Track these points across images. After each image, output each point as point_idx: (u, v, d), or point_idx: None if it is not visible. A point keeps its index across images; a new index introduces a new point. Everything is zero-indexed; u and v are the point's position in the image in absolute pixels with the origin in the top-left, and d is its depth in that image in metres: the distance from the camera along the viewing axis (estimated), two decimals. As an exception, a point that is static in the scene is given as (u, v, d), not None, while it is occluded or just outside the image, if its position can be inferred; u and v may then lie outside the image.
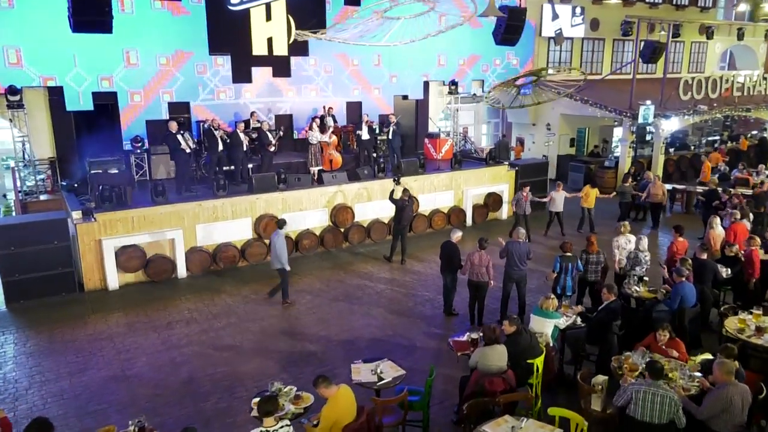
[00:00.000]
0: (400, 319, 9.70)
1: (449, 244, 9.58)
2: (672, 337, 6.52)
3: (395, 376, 6.08)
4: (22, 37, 12.16)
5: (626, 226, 10.14)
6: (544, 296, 7.28)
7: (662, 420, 5.25)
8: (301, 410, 5.44)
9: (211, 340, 8.95)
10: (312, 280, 11.48)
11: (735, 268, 9.17)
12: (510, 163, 16.44)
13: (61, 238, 10.37)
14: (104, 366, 8.15)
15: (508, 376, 6.09)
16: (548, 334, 7.07)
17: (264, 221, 12.29)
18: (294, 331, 9.24)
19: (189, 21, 14.00)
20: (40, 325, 9.48)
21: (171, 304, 10.31)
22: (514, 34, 14.36)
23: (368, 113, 15.87)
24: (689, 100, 19.24)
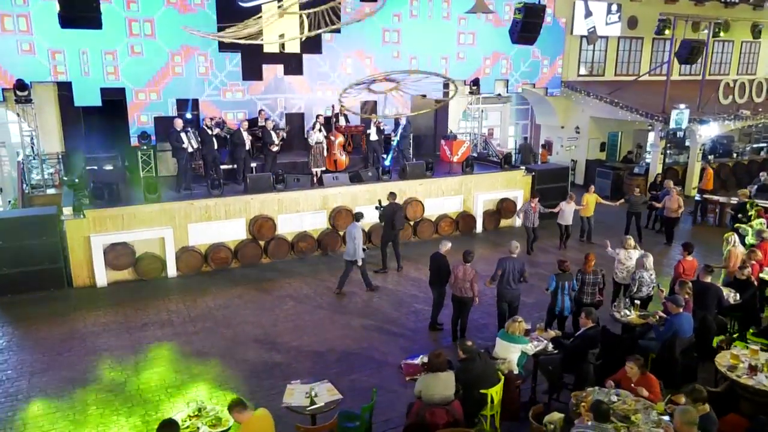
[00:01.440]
0: (379, 331, 9.25)
1: (438, 256, 9.01)
2: (643, 372, 5.82)
3: (329, 401, 5.65)
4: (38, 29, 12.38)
5: (630, 240, 9.36)
6: (512, 319, 6.68)
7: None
8: (212, 436, 5.08)
9: (181, 345, 8.74)
10: (301, 284, 11.16)
11: (746, 293, 8.29)
12: (527, 168, 15.67)
13: (50, 233, 10.40)
14: (67, 367, 8.04)
15: (453, 408, 5.55)
16: (513, 360, 6.49)
17: (258, 222, 12.06)
18: (266, 340, 8.92)
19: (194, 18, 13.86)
20: (21, 321, 9.51)
21: (153, 304, 10.18)
22: (532, 32, 13.59)
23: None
24: (730, 104, 17.93)
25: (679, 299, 7.08)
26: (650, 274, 8.71)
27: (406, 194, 13.66)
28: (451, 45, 17.27)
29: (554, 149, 21.33)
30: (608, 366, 6.97)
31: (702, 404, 5.10)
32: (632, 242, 9.36)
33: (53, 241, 10.44)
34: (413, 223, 13.86)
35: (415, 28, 16.63)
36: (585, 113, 19.79)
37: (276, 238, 12.31)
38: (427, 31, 16.73)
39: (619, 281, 9.23)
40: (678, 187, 13.80)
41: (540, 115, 21.56)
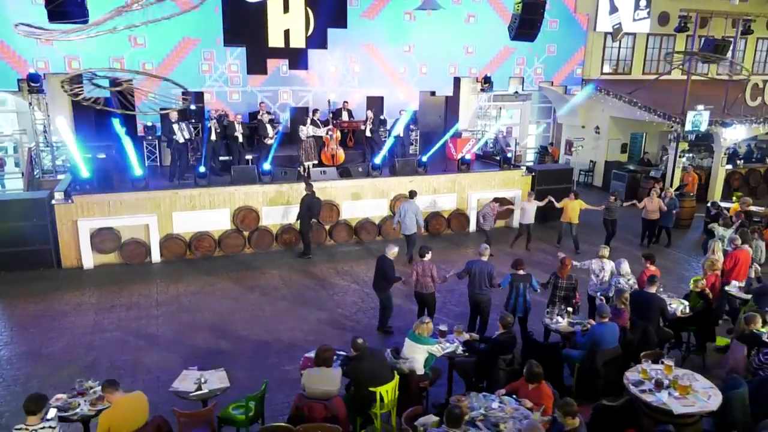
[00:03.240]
0: (333, 326, 9.35)
1: (383, 260, 8.81)
2: (538, 383, 5.66)
3: (215, 388, 5.82)
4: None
5: (605, 250, 9.03)
6: (419, 320, 6.64)
7: (451, 478, 4.58)
8: (93, 412, 5.35)
9: (137, 327, 9.14)
10: (273, 277, 11.40)
11: (698, 306, 7.89)
12: (528, 168, 15.33)
13: (40, 216, 11.06)
14: (26, 343, 8.59)
15: (332, 404, 5.61)
16: (419, 360, 6.45)
17: (242, 213, 12.39)
18: (219, 327, 9.20)
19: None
20: (4, 296, 10.20)
21: (129, 288, 10.67)
22: (531, 29, 13.27)
23: (371, 110, 15.32)
24: (759, 106, 16.86)
25: (604, 309, 6.83)
26: (627, 280, 8.45)
27: (394, 191, 13.66)
28: (463, 40, 17.04)
29: (575, 148, 20.69)
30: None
31: (572, 418, 4.95)
32: (606, 252, 9.03)
33: (43, 223, 11.10)
34: (402, 220, 13.83)
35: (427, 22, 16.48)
36: (605, 113, 19.08)
37: (259, 229, 12.61)
38: (438, 26, 16.55)
39: (591, 293, 8.76)
40: (658, 189, 13.12)
41: (562, 116, 20.96)
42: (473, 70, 17.50)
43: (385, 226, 13.61)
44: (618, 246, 12.68)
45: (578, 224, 12.67)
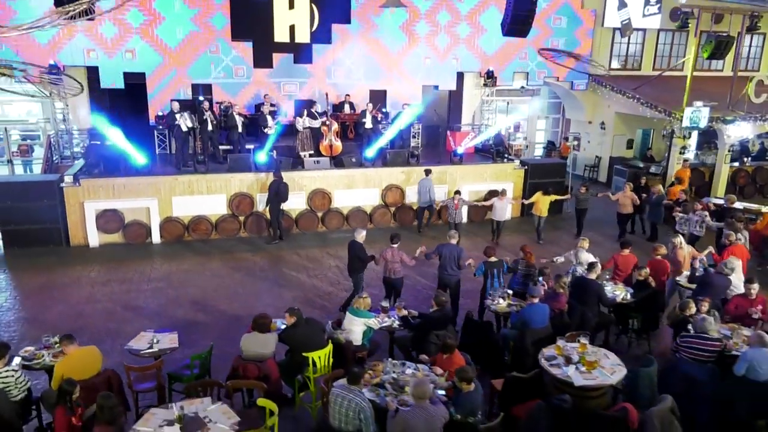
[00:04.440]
0: (305, 303, 9.85)
1: (354, 244, 9.35)
2: (450, 353, 6.15)
3: (164, 348, 6.53)
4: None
5: (585, 242, 9.41)
6: (358, 295, 7.20)
7: (348, 427, 5.15)
8: (54, 363, 6.10)
9: (127, 299, 9.98)
10: (261, 259, 12.11)
11: (642, 293, 8.20)
12: (521, 161, 15.62)
13: (50, 197, 12.05)
14: (26, 309, 9.55)
15: (266, 365, 6.24)
16: (356, 332, 7.02)
17: (237, 199, 13.14)
18: (201, 302, 9.96)
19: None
20: (17, 269, 11.24)
21: (127, 265, 11.55)
22: (523, 24, 13.55)
23: (372, 102, 15.80)
24: (765, 103, 16.66)
25: (534, 290, 7.24)
26: (584, 269, 8.81)
27: (385, 181, 14.20)
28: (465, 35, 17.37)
29: (582, 145, 20.79)
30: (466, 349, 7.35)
31: (467, 384, 5.44)
32: (587, 243, 9.40)
33: (53, 204, 12.08)
34: (393, 210, 14.37)
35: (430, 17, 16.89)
36: (611, 109, 19.13)
37: (254, 214, 13.35)
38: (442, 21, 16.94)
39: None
40: (631, 184, 13.25)
41: (569, 110, 21.06)
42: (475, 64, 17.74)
43: (376, 215, 14.16)
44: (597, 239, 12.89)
45: (547, 217, 12.95)
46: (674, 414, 5.70)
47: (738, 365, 6.17)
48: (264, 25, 15.83)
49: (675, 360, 6.59)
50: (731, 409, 6.16)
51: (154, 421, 5.10)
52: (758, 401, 6.11)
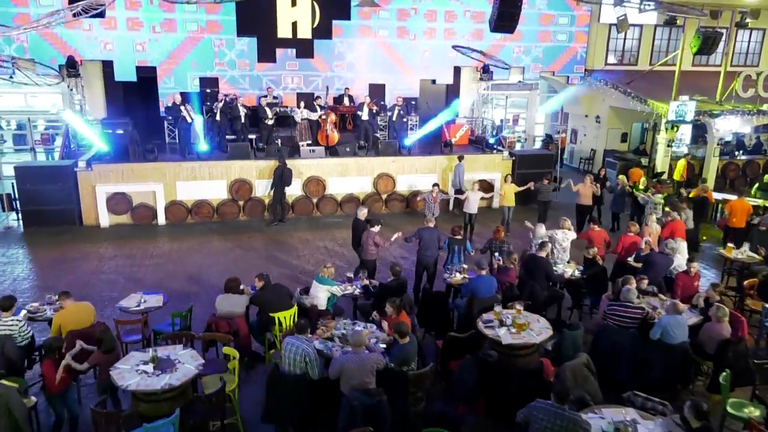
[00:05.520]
0: (288, 280, 10.60)
1: (356, 221, 10.25)
2: (398, 313, 6.95)
3: (151, 306, 7.49)
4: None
5: (567, 222, 10.13)
6: (323, 265, 8.06)
7: (295, 370, 6.00)
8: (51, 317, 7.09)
9: (129, 272, 11.00)
10: (257, 240, 13.05)
11: (590, 271, 8.91)
12: (509, 153, 16.29)
13: (65, 181, 13.15)
14: (39, 279, 10.65)
15: (235, 322, 7.16)
16: (321, 298, 7.87)
17: (237, 184, 14.10)
18: (195, 275, 10.93)
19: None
20: (35, 245, 12.38)
21: (133, 243, 12.60)
22: (509, 21, 14.20)
23: (369, 96, 16.62)
24: (752, 97, 17.04)
25: (482, 262, 8.03)
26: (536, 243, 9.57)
27: (377, 170, 15.02)
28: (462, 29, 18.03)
29: (579, 138, 21.35)
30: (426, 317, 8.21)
31: (402, 337, 6.26)
32: (569, 224, 10.13)
33: (68, 187, 13.19)
34: (384, 197, 15.19)
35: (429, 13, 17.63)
36: (605, 103, 19.64)
37: (252, 199, 14.29)
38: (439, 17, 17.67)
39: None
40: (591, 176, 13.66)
41: (567, 104, 21.59)
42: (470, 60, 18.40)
43: (368, 202, 14.99)
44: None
45: (514, 207, 13.44)
46: (589, 370, 6.43)
47: (654, 330, 6.88)
48: (268, 22, 16.75)
49: (604, 326, 7.31)
50: (648, 370, 6.88)
51: (132, 360, 6.03)
52: (670, 362, 6.83)
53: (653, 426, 5.18)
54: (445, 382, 6.94)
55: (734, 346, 6.81)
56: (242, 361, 7.17)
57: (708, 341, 7.00)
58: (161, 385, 5.61)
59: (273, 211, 14.10)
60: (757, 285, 8.98)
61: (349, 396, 5.69)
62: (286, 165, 13.62)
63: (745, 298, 8.86)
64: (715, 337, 6.92)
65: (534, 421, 5.04)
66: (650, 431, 5.11)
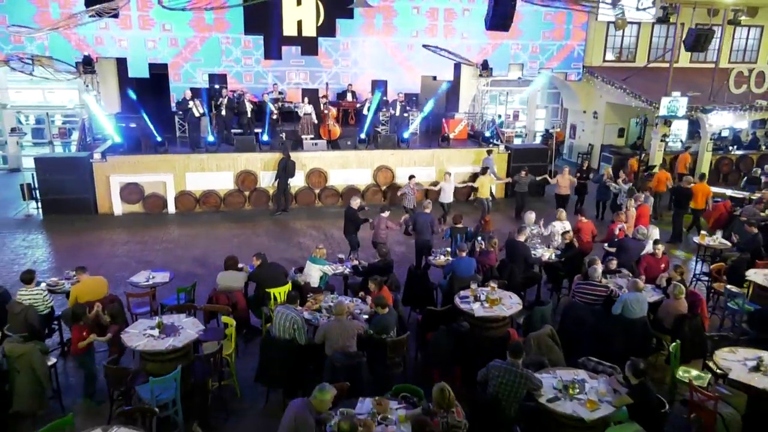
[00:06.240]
0: (288, 262, 11.47)
1: (348, 209, 10.99)
2: (380, 289, 7.63)
3: (158, 281, 8.25)
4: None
5: (562, 213, 10.82)
6: (316, 246, 8.77)
7: (285, 335, 6.71)
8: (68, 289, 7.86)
9: (140, 256, 11.79)
10: (260, 227, 13.81)
11: (567, 254, 9.53)
12: (505, 146, 16.88)
13: (82, 171, 13.97)
14: (57, 261, 11.48)
15: (233, 295, 7.89)
16: (314, 276, 8.58)
17: (243, 176, 14.85)
18: (201, 259, 11.69)
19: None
20: (55, 231, 13.22)
21: (144, 230, 13.40)
22: (504, 19, 14.77)
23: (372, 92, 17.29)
24: (744, 93, 17.47)
25: (461, 246, 8.70)
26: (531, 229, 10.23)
27: (377, 162, 15.69)
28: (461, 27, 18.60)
29: (577, 133, 21.86)
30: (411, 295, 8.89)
31: (382, 308, 6.94)
32: (564, 215, 10.78)
33: (84, 177, 14.01)
34: (383, 189, 15.85)
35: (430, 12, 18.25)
36: (603, 99, 20.14)
37: (257, 189, 15.03)
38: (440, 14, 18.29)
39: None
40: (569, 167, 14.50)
41: (566, 100, 22.11)
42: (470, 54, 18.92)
43: (368, 193, 15.66)
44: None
45: (491, 199, 14.09)
46: (554, 340, 7.06)
47: (615, 306, 7.50)
48: (274, 21, 17.46)
49: (572, 303, 7.94)
50: (610, 342, 7.49)
51: (140, 326, 6.77)
52: (631, 336, 7.44)
53: (598, 384, 5.81)
54: (422, 351, 7.61)
55: (690, 321, 7.41)
56: (241, 333, 7.95)
57: (666, 317, 7.60)
58: (166, 346, 6.34)
59: (277, 201, 14.83)
60: (725, 269, 9.56)
61: (332, 357, 6.38)
62: (290, 157, 14.34)
63: (713, 281, 9.42)
64: (672, 313, 7.52)
65: (491, 378, 5.71)
66: (595, 388, 5.74)
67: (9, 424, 6.42)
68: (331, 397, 4.99)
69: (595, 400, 5.50)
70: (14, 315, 7.15)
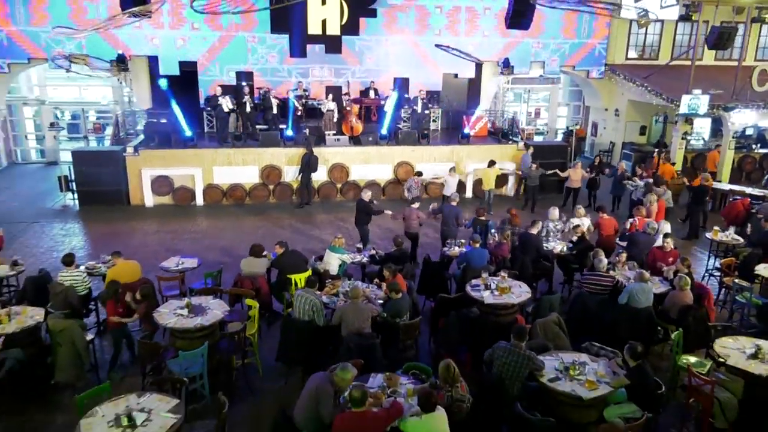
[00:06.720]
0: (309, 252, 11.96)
1: (360, 201, 11.48)
2: (394, 276, 8.02)
3: (187, 267, 8.78)
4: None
5: (581, 209, 11.10)
6: (335, 235, 9.21)
7: (304, 317, 7.15)
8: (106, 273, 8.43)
9: (170, 245, 12.38)
10: (282, 220, 14.31)
11: (579, 246, 9.79)
12: (525, 143, 17.10)
13: (115, 165, 14.67)
14: (92, 248, 12.15)
15: (257, 281, 8.37)
16: (333, 264, 9.02)
17: (267, 170, 15.38)
18: (226, 249, 12.22)
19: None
20: (91, 221, 13.95)
21: (174, 221, 14.02)
22: (522, 18, 15.03)
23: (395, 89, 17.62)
24: (767, 91, 17.38)
25: (475, 237, 9.03)
26: (555, 224, 10.53)
27: (397, 158, 16.07)
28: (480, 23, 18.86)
29: (599, 130, 21.93)
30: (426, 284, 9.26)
31: (396, 293, 7.33)
32: (583, 211, 11.07)
33: (117, 170, 14.70)
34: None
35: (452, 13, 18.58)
36: (624, 96, 20.19)
37: (281, 183, 15.55)
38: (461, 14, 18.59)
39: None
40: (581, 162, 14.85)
41: (588, 98, 22.19)
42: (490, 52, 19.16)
43: (388, 188, 16.06)
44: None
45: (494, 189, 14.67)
46: (560, 327, 7.38)
47: (621, 296, 7.77)
48: (300, 20, 17.94)
49: (579, 293, 8.23)
50: (616, 330, 7.76)
51: (170, 306, 7.29)
52: (636, 324, 7.70)
53: (598, 366, 6.12)
54: (434, 337, 7.99)
55: (695, 312, 7.64)
56: (263, 316, 8.43)
57: (672, 307, 7.84)
58: (194, 324, 6.84)
59: (300, 194, 15.33)
60: (738, 264, 9.72)
61: (348, 338, 6.80)
62: (313, 152, 14.82)
63: (723, 276, 9.59)
64: (678, 304, 7.76)
65: (495, 358, 6.06)
66: (595, 369, 6.05)
67: (51, 393, 7.00)
68: (351, 377, 5.37)
69: (593, 380, 5.81)
70: (55, 294, 7.73)
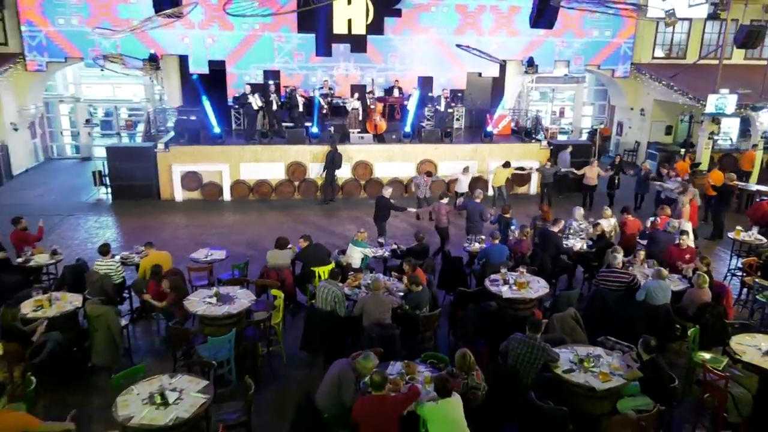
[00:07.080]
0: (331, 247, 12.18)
1: (381, 198, 11.75)
2: (414, 269, 8.24)
3: (213, 258, 9.13)
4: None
5: (607, 210, 11.16)
6: (358, 230, 9.47)
7: (326, 307, 7.42)
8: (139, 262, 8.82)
9: (196, 236, 12.81)
10: (306, 215, 14.63)
11: (599, 244, 9.87)
12: (548, 142, 17.14)
13: (146, 160, 15.17)
14: (123, 240, 12.63)
15: (282, 272, 8.68)
16: (355, 258, 9.27)
17: (293, 167, 15.72)
18: (252, 243, 12.57)
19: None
20: (123, 214, 14.47)
21: (202, 215, 14.46)
22: (547, 17, 15.15)
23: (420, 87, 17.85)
24: (797, 91, 17.10)
25: (495, 234, 9.20)
26: (579, 223, 10.64)
27: (420, 156, 16.28)
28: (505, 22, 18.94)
29: (624, 130, 21.82)
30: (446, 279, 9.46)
31: (417, 287, 7.55)
32: (609, 212, 11.16)
33: (148, 165, 15.19)
34: (428, 182, 16.41)
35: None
36: (650, 96, 20.05)
37: (306, 180, 15.88)
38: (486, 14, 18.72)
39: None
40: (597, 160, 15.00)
41: (613, 97, 22.07)
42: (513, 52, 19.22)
43: (411, 184, 16.25)
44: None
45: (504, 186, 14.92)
46: (577, 322, 7.51)
47: (639, 293, 7.86)
48: (325, 20, 18.26)
49: (597, 289, 8.34)
50: (633, 327, 7.86)
51: (200, 295, 7.63)
52: (653, 321, 7.79)
53: (612, 359, 6.26)
54: (453, 329, 8.19)
55: (712, 310, 7.70)
56: (288, 307, 8.73)
57: (690, 305, 7.91)
58: (222, 312, 7.16)
59: (325, 191, 15.63)
60: (760, 264, 9.70)
61: (368, 329, 7.04)
62: (337, 150, 15.12)
63: (745, 275, 9.59)
64: (696, 301, 7.83)
65: (511, 349, 6.25)
66: (609, 362, 6.19)
67: (88, 375, 7.39)
68: (373, 366, 5.60)
69: (607, 373, 5.95)
70: (92, 282, 8.14)
